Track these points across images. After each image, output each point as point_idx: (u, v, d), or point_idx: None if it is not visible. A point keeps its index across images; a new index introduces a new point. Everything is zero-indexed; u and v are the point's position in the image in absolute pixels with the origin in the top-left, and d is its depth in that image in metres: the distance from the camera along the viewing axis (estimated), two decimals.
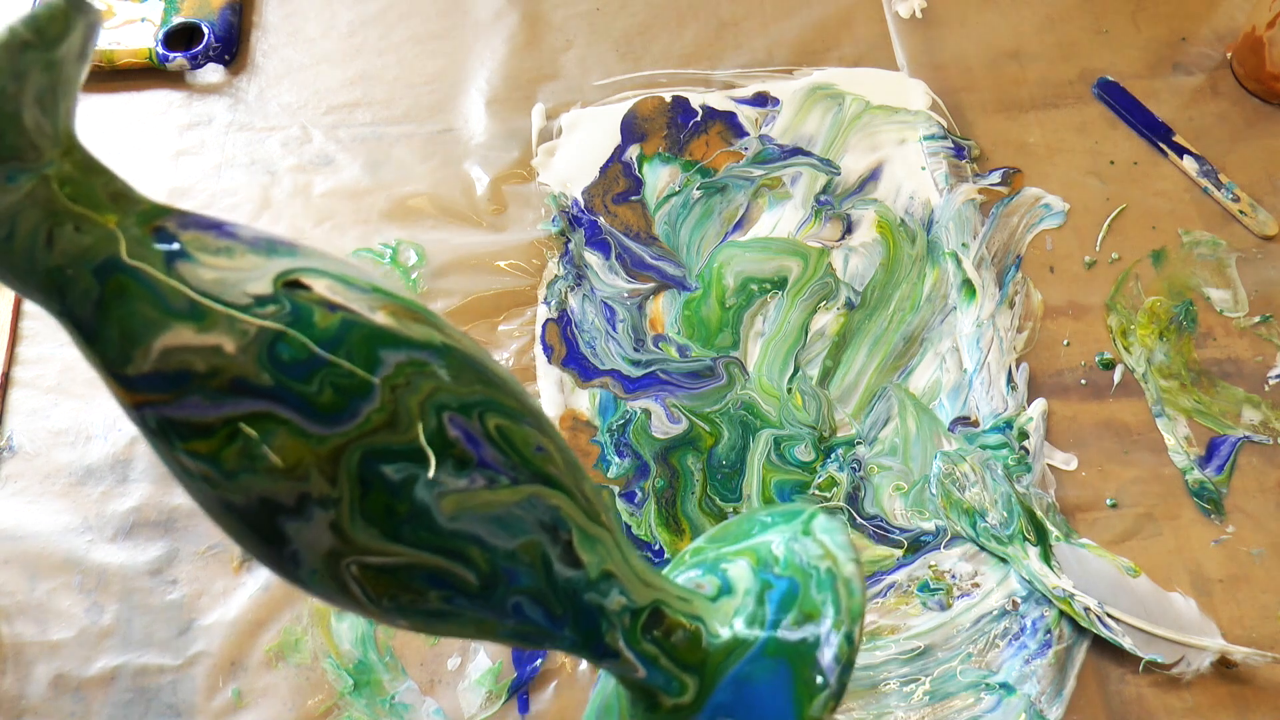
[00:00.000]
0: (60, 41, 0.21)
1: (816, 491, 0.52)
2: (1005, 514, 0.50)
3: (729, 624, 0.30)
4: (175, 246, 0.22)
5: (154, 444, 0.23)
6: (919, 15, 0.66)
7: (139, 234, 0.22)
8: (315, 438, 0.22)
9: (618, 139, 0.62)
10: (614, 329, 0.56)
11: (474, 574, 0.24)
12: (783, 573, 0.31)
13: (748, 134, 0.62)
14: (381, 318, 0.23)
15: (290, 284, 0.23)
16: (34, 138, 0.21)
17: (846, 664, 0.28)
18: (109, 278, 0.22)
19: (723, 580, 0.32)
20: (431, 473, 0.23)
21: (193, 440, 0.22)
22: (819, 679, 0.28)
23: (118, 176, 0.23)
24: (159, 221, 0.23)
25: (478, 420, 0.24)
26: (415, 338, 0.23)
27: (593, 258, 0.58)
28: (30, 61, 0.20)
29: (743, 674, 0.29)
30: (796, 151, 0.61)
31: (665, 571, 0.35)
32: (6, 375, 0.55)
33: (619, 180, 0.60)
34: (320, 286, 0.23)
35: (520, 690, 0.48)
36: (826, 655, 0.28)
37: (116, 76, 0.64)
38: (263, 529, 0.23)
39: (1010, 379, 0.54)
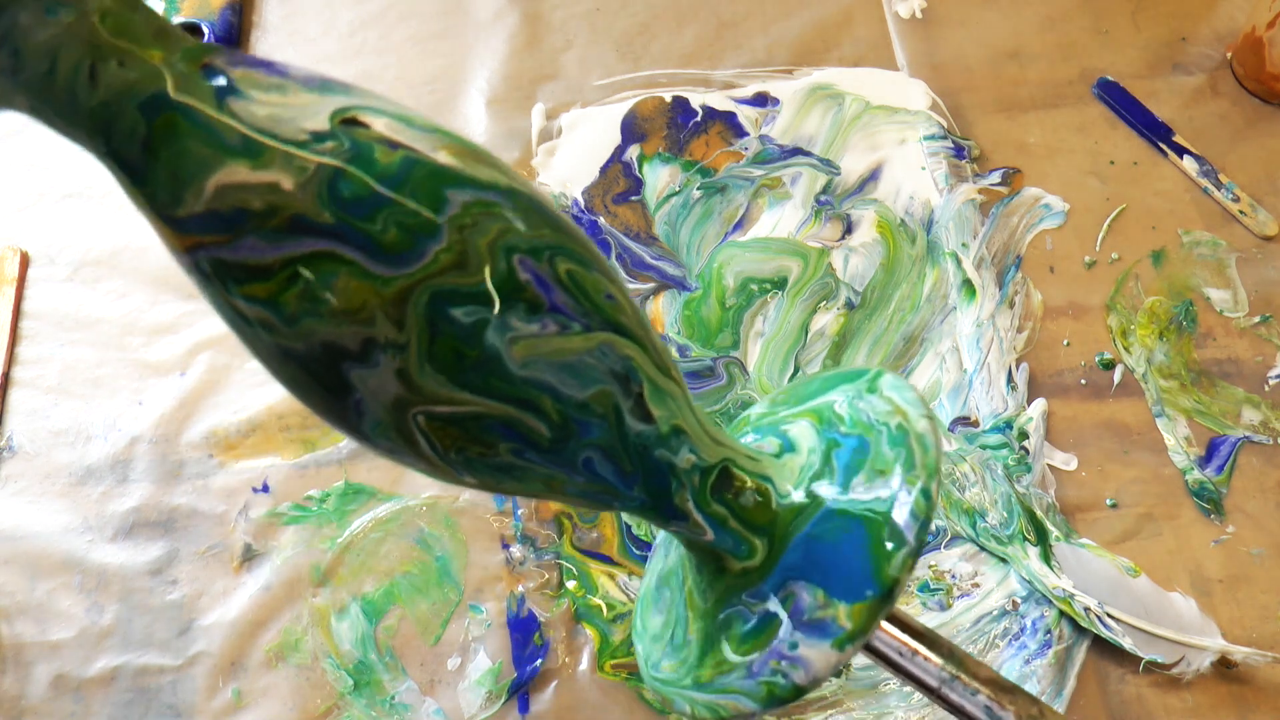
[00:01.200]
0: None
1: None
2: (1005, 514, 0.50)
3: (799, 483, 0.29)
4: (225, 82, 0.21)
5: (207, 290, 0.22)
6: (919, 15, 0.66)
7: (186, 69, 0.21)
8: (380, 279, 0.21)
9: (618, 139, 0.62)
10: None
11: (545, 424, 0.23)
12: (850, 431, 0.30)
13: (748, 134, 0.62)
14: (444, 157, 0.22)
15: (348, 121, 0.22)
16: None
17: (925, 520, 0.27)
18: (157, 115, 0.21)
19: (784, 441, 0.31)
20: (501, 314, 0.22)
21: (250, 283, 0.21)
22: (895, 537, 0.27)
23: (160, 14, 0.22)
24: (208, 58, 0.22)
25: (548, 264, 0.23)
26: (481, 178, 0.23)
27: None
28: None
29: (814, 534, 0.28)
30: (796, 151, 0.61)
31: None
32: (6, 375, 0.55)
33: (619, 180, 0.60)
34: (380, 125, 0.22)
35: (520, 690, 0.48)
36: (902, 512, 0.27)
37: None
38: (325, 377, 0.22)
39: (1010, 379, 0.54)
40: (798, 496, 0.29)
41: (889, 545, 0.27)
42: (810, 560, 0.27)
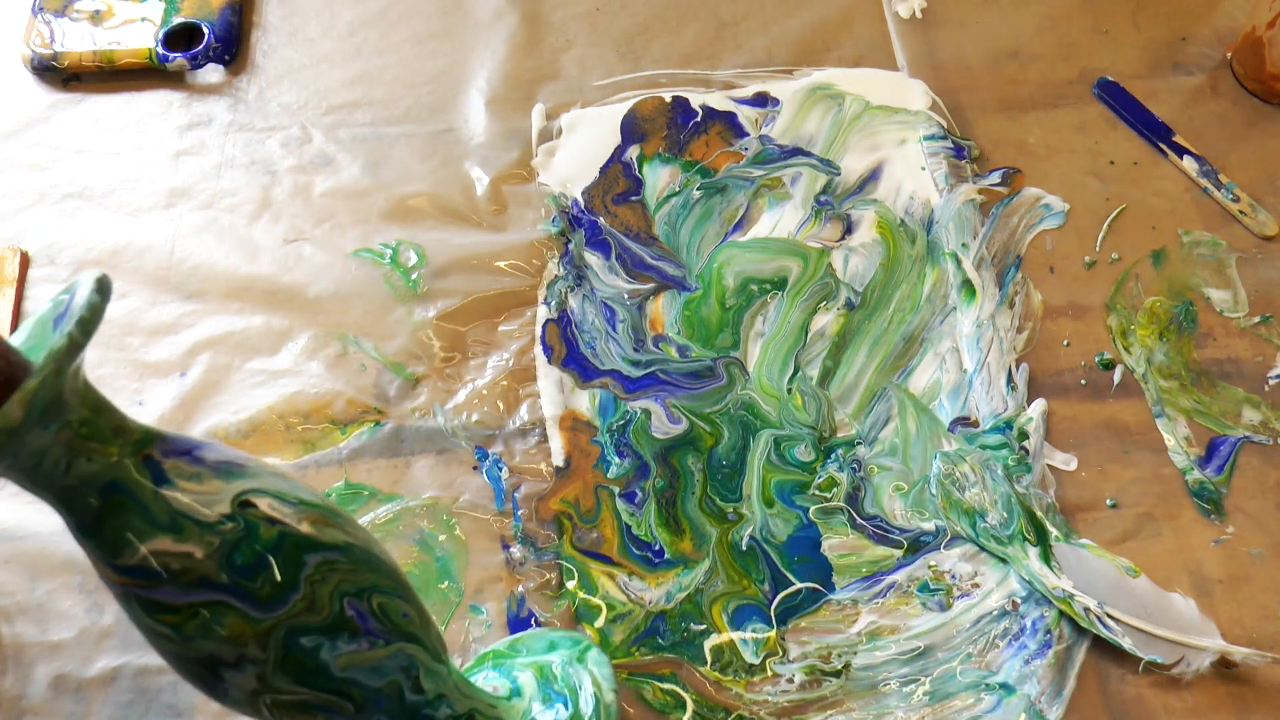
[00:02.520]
0: (95, 328, 0.27)
1: (816, 491, 0.52)
2: (1005, 514, 0.50)
3: None
4: (159, 472, 0.29)
5: (130, 610, 0.30)
6: (919, 15, 0.66)
7: (133, 462, 0.28)
8: (255, 619, 0.29)
9: (618, 139, 0.62)
10: (614, 329, 0.56)
11: (352, 704, 0.32)
12: (560, 689, 0.43)
13: (748, 134, 0.62)
14: (306, 527, 0.31)
15: (243, 503, 0.30)
16: (68, 397, 0.27)
17: None
18: (110, 495, 0.28)
19: (514, 685, 0.43)
20: (332, 639, 0.31)
21: (163, 614, 0.29)
22: None
23: (117, 410, 0.29)
24: (147, 450, 0.29)
25: (366, 601, 0.32)
26: (327, 541, 0.31)
27: (593, 258, 0.58)
28: (79, 353, 0.26)
29: None
30: (796, 152, 0.61)
31: (470, 666, 0.46)
32: None
33: (619, 180, 0.60)
34: (263, 505, 0.30)
35: None
36: None
37: (116, 76, 0.64)
38: (207, 674, 0.30)
39: (1010, 379, 0.54)
40: None
41: None
42: None
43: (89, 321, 0.26)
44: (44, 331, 0.27)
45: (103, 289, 0.27)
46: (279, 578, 0.30)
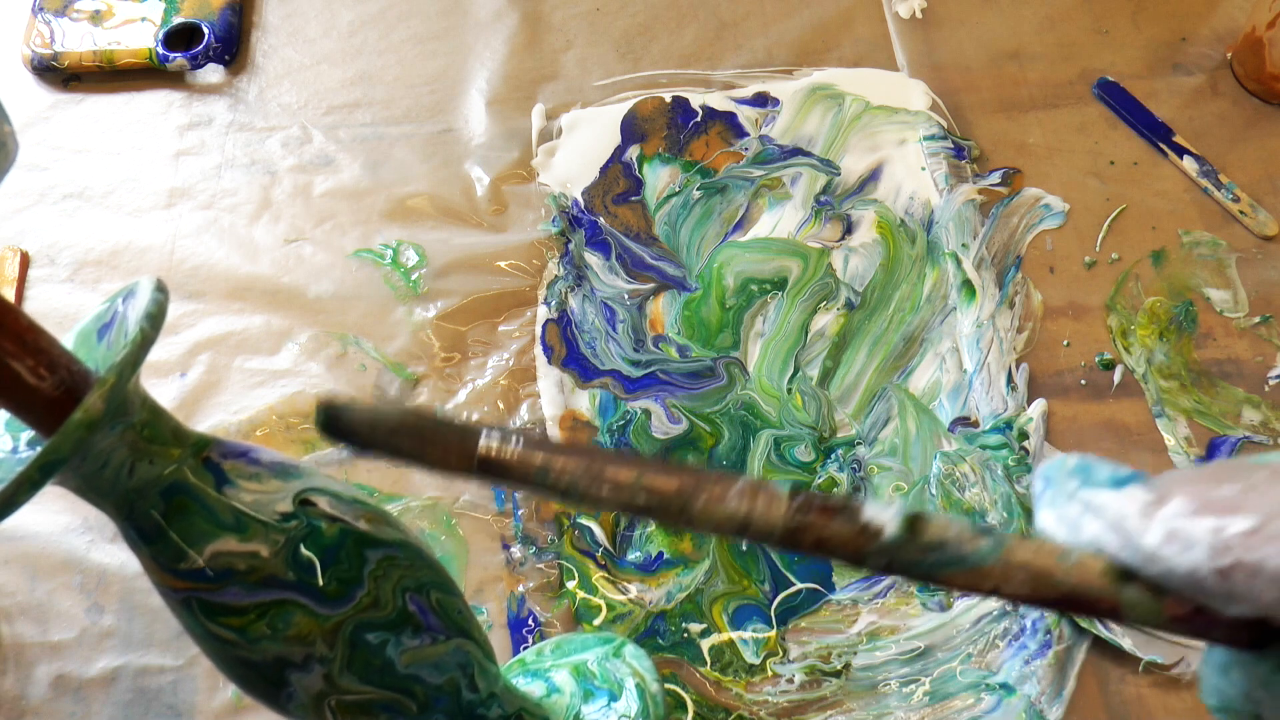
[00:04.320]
0: (161, 324, 0.27)
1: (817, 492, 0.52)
2: (1005, 514, 0.50)
3: None
4: (221, 472, 0.29)
5: (186, 617, 0.29)
6: (919, 15, 0.66)
7: (194, 464, 0.28)
8: (322, 617, 0.29)
9: (618, 139, 0.62)
10: (614, 329, 0.56)
11: (414, 703, 0.32)
12: (601, 685, 0.42)
13: (748, 134, 0.62)
14: (364, 524, 0.31)
15: (304, 502, 0.30)
16: (131, 398, 0.27)
17: None
18: (173, 498, 0.28)
19: (549, 684, 0.43)
20: (397, 635, 0.31)
21: (228, 617, 0.29)
22: None
23: (172, 415, 0.29)
24: (206, 452, 0.29)
25: (426, 596, 0.32)
26: (386, 538, 0.31)
27: (593, 258, 0.58)
28: (149, 347, 0.26)
29: None
30: (796, 152, 0.61)
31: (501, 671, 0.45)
32: None
33: (619, 181, 0.60)
34: (323, 503, 0.30)
35: None
36: None
37: (116, 76, 0.64)
38: (270, 677, 0.30)
39: (1010, 379, 0.54)
40: None
41: None
42: None
43: (157, 317, 0.26)
44: (89, 342, 0.28)
45: (162, 288, 0.27)
46: (345, 573, 0.30)
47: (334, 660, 0.30)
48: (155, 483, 0.28)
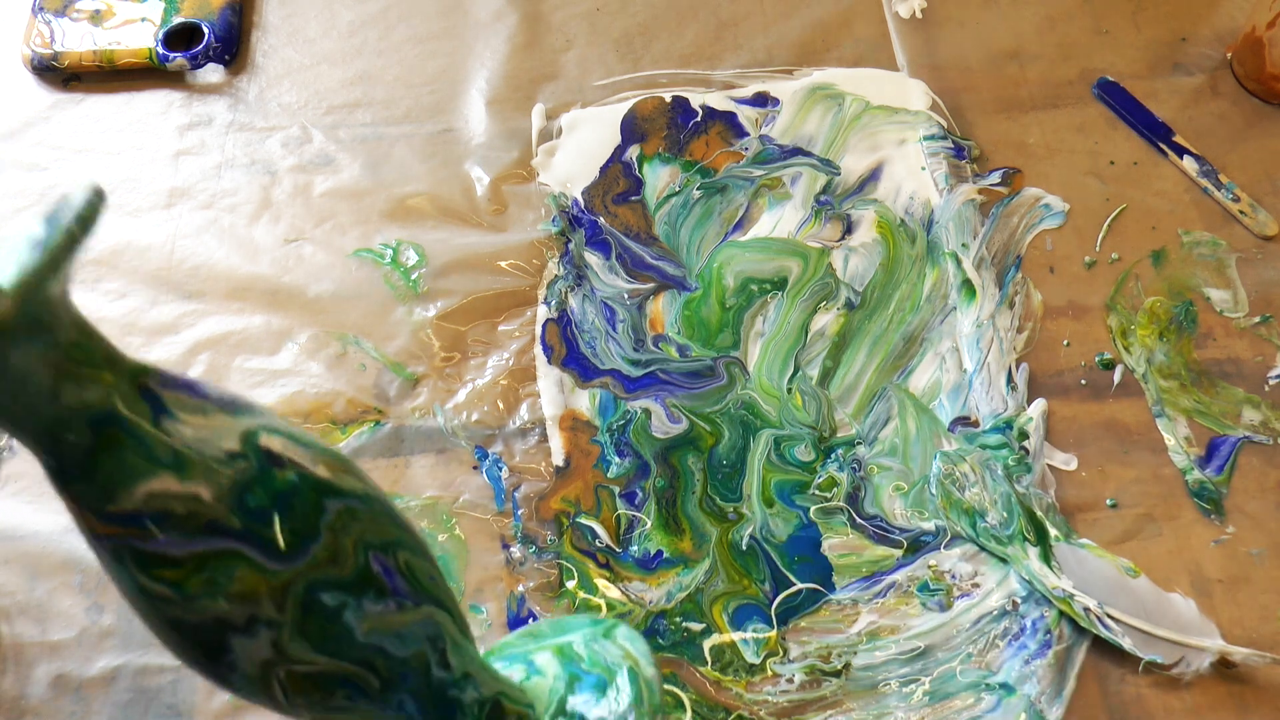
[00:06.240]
0: (94, 227, 0.24)
1: (816, 491, 0.52)
2: (1005, 514, 0.50)
3: (549, 708, 0.36)
4: (159, 403, 0.25)
5: (115, 568, 0.26)
6: (919, 15, 0.66)
7: (128, 392, 0.25)
8: (271, 572, 0.26)
9: (618, 139, 0.62)
10: (614, 329, 0.56)
11: (376, 678, 0.29)
12: (590, 669, 0.38)
13: (748, 134, 0.62)
14: (323, 471, 0.27)
15: (254, 442, 0.26)
16: (59, 313, 0.24)
17: None
18: (103, 429, 0.25)
19: (530, 667, 0.39)
20: (358, 598, 0.28)
21: (162, 569, 0.25)
22: None
23: (108, 340, 0.26)
24: (142, 380, 0.26)
25: (393, 556, 0.29)
26: (347, 488, 0.28)
27: (593, 258, 0.58)
28: (74, 254, 0.23)
29: None
30: (796, 151, 0.61)
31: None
32: None
33: (619, 180, 0.60)
34: (276, 443, 0.27)
35: None
36: None
37: (116, 76, 0.64)
38: (210, 645, 0.27)
39: (1010, 379, 0.54)
40: None
41: None
42: None
43: (88, 219, 0.23)
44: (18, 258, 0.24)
45: (100, 192, 0.24)
46: (299, 524, 0.26)
47: (283, 624, 0.27)
48: (82, 410, 0.24)
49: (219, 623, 0.26)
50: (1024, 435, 0.52)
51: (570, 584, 0.50)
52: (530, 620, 0.49)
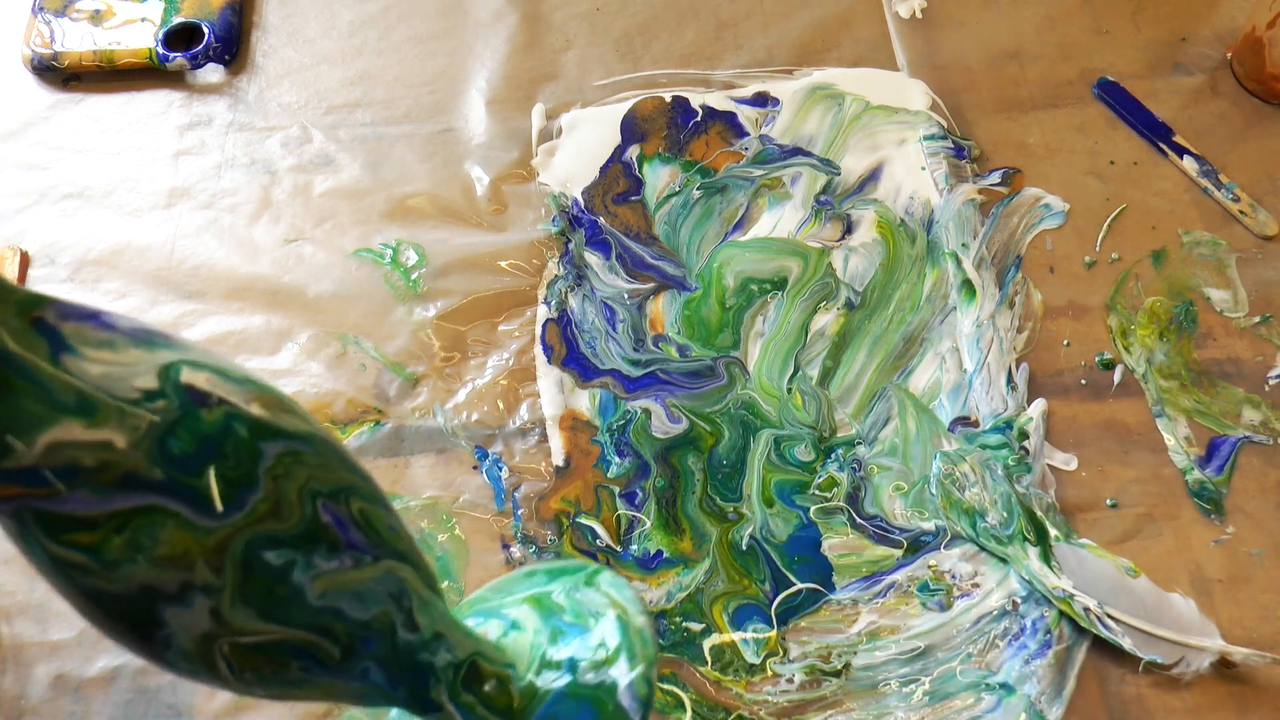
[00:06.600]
0: None
1: (816, 491, 0.52)
2: (1005, 514, 0.50)
3: (531, 665, 0.32)
4: (57, 338, 0.22)
5: (24, 539, 0.22)
6: (919, 15, 0.66)
7: (19, 325, 0.21)
8: (203, 529, 0.22)
9: (618, 139, 0.62)
10: (614, 329, 0.56)
11: (336, 646, 0.25)
12: (573, 620, 0.34)
13: (748, 134, 0.62)
14: (257, 409, 0.24)
15: (174, 378, 0.23)
16: None
17: (645, 700, 0.32)
18: None
19: (507, 623, 0.34)
20: (307, 555, 0.24)
21: (74, 534, 0.22)
22: (621, 715, 0.31)
23: None
24: (37, 312, 0.22)
25: (345, 505, 0.25)
26: (287, 428, 0.24)
27: (593, 258, 0.58)
28: None
29: (551, 714, 0.31)
30: (796, 151, 0.61)
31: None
32: None
33: (619, 180, 0.60)
34: (200, 379, 0.23)
35: None
36: (627, 695, 0.31)
37: (116, 76, 0.64)
38: (137, 615, 0.23)
39: (1010, 379, 0.54)
40: (534, 681, 0.32)
41: None
42: None
43: None
44: None
45: None
46: (233, 471, 0.23)
47: (222, 589, 0.23)
48: None
49: (147, 591, 0.22)
50: (1024, 435, 0.52)
51: None
52: None
